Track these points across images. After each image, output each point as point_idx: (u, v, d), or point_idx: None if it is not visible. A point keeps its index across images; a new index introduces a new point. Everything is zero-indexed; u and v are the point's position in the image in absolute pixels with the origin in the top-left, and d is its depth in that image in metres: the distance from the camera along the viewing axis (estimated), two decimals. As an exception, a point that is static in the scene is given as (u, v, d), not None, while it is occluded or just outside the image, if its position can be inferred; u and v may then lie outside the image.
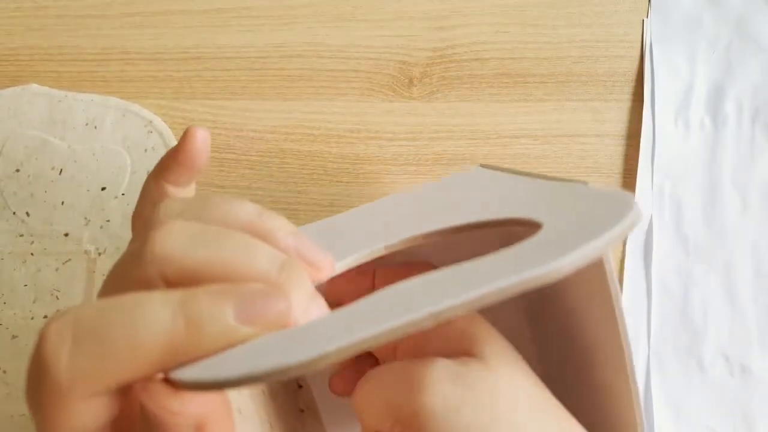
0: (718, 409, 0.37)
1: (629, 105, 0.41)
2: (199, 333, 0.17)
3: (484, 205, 0.27)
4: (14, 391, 0.38)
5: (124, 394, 0.19)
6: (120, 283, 0.20)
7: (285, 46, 0.42)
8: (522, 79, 0.41)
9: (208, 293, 0.18)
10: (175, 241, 0.19)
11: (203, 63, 0.42)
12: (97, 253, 0.39)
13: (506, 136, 0.41)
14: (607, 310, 0.25)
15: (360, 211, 0.31)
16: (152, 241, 0.19)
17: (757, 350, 0.38)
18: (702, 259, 0.39)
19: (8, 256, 0.39)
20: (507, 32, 0.42)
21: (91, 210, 0.40)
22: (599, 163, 0.40)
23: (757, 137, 0.40)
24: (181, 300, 0.18)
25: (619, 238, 0.19)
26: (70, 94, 0.41)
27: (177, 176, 0.27)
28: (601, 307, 0.26)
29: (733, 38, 0.41)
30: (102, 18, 0.42)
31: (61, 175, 0.40)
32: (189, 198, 0.21)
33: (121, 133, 0.41)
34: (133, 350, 0.17)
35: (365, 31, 0.42)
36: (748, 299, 0.38)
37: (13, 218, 0.40)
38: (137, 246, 0.19)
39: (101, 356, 0.17)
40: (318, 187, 0.41)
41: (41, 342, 0.17)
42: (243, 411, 0.25)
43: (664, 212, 0.40)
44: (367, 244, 0.26)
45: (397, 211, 0.30)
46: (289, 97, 0.42)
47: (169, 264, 0.19)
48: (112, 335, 0.17)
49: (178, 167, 0.27)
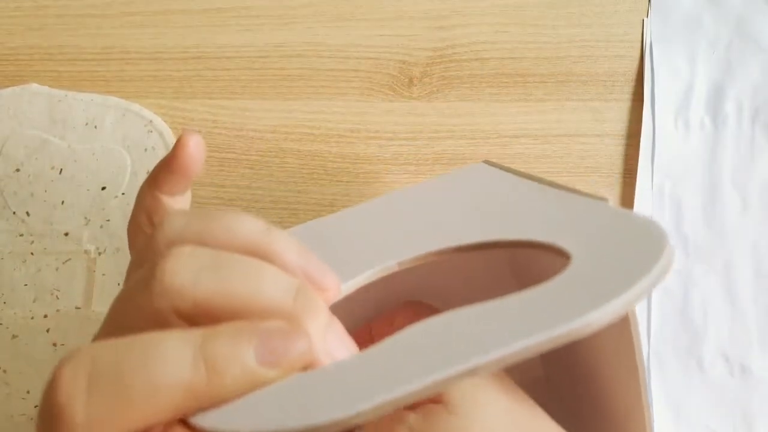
0: (718, 410, 0.37)
1: (629, 105, 0.41)
2: (220, 377, 0.17)
3: (502, 219, 0.26)
4: (14, 391, 0.38)
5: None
6: (129, 316, 0.19)
7: (285, 46, 0.42)
8: (522, 78, 0.41)
9: (227, 334, 0.17)
10: (184, 272, 0.18)
11: (203, 62, 0.42)
12: (97, 252, 0.39)
13: (506, 136, 0.41)
14: (627, 354, 0.24)
15: (357, 213, 0.30)
16: (161, 272, 0.18)
17: (757, 350, 0.38)
18: (702, 259, 0.39)
19: (8, 255, 0.39)
20: (507, 32, 0.42)
21: (91, 209, 0.40)
22: (599, 162, 0.40)
23: (757, 137, 0.40)
24: (201, 342, 0.17)
25: (655, 284, 0.18)
26: (70, 93, 0.41)
27: (171, 185, 0.26)
28: (621, 348, 0.24)
29: (733, 38, 0.41)
30: (102, 17, 0.42)
31: (61, 175, 0.40)
32: (190, 213, 0.21)
33: (121, 132, 0.41)
34: (152, 395, 0.16)
35: (365, 30, 0.42)
36: (748, 299, 0.38)
37: (13, 218, 0.40)
38: (144, 275, 0.19)
39: (119, 401, 0.16)
40: (318, 187, 0.41)
41: (55, 383, 0.17)
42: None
43: (664, 212, 0.39)
44: (375, 259, 0.24)
45: (401, 218, 0.28)
46: (289, 96, 0.42)
47: (180, 297, 0.18)
48: (129, 379, 0.16)
49: (171, 176, 0.26)
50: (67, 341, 0.38)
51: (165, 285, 0.18)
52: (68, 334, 0.38)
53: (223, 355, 0.17)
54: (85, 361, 0.17)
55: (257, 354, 0.17)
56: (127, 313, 0.19)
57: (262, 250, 0.20)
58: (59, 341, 0.38)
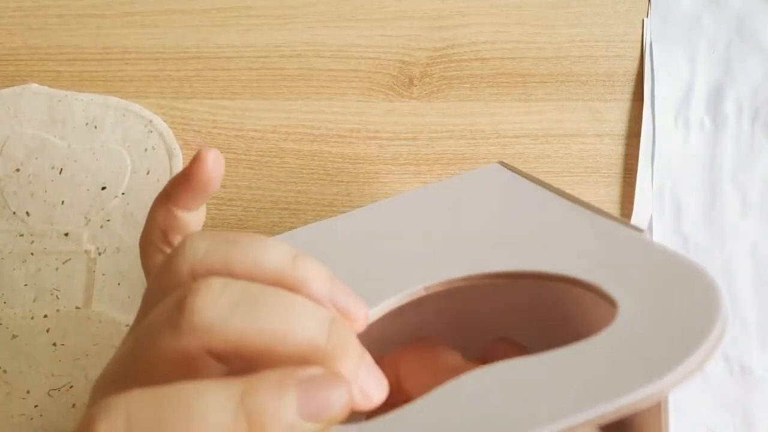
0: (717, 409, 0.37)
1: (629, 105, 0.41)
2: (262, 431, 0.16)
3: (534, 243, 0.24)
4: (14, 391, 0.38)
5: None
6: (154, 353, 0.18)
7: (285, 46, 0.42)
8: (522, 78, 0.41)
9: (268, 386, 0.17)
10: (216, 310, 0.18)
11: (203, 62, 0.42)
12: (98, 252, 0.39)
13: (506, 136, 0.41)
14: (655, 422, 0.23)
15: (370, 218, 0.29)
16: (190, 309, 0.18)
17: (756, 350, 0.38)
18: (702, 259, 0.39)
19: (8, 255, 0.39)
20: (507, 32, 0.42)
21: (91, 209, 0.40)
22: (599, 162, 0.40)
23: (757, 137, 0.40)
24: (241, 395, 0.17)
25: (714, 349, 0.17)
26: (70, 93, 0.41)
27: (187, 201, 0.26)
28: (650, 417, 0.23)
29: (733, 38, 0.41)
30: (102, 17, 0.42)
31: (61, 175, 0.40)
32: (211, 237, 0.20)
33: (121, 132, 0.41)
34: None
35: (365, 30, 0.42)
36: (748, 299, 0.38)
37: (13, 218, 0.40)
38: (170, 310, 0.18)
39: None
40: (318, 187, 0.41)
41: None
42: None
43: (664, 212, 0.39)
44: (401, 282, 0.23)
45: (422, 229, 0.27)
46: (289, 96, 0.42)
47: (211, 337, 0.17)
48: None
49: (189, 192, 0.25)
50: (67, 341, 0.38)
51: (195, 323, 0.17)
52: (68, 334, 0.38)
53: (264, 409, 0.16)
54: (121, 415, 0.16)
55: (299, 405, 0.17)
56: (151, 349, 0.18)
57: (290, 279, 0.19)
58: (59, 341, 0.38)
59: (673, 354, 0.17)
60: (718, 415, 0.37)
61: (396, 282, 0.23)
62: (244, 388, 0.17)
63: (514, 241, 0.24)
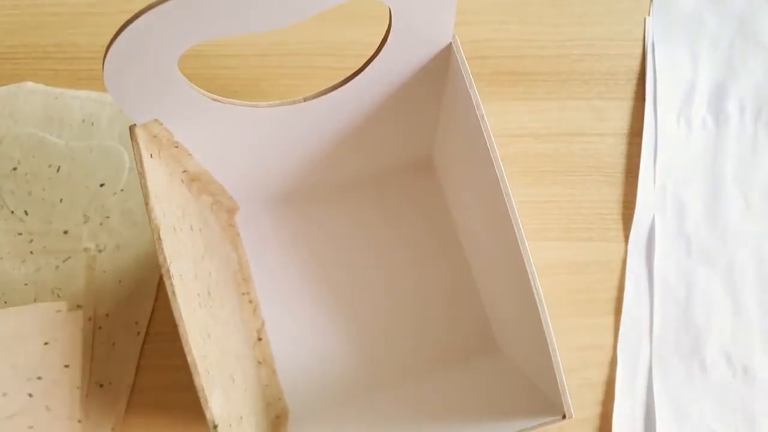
0: (720, 411, 0.37)
1: (631, 103, 0.41)
2: None
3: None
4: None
5: None
6: None
7: (284, 45, 0.42)
8: (523, 77, 0.41)
9: None
10: None
11: (202, 61, 0.42)
12: (97, 250, 0.39)
13: (507, 135, 0.41)
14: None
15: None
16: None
17: (759, 351, 0.38)
18: (704, 259, 0.39)
19: (7, 255, 0.39)
20: (508, 30, 0.41)
21: (89, 207, 0.40)
22: (601, 161, 0.40)
23: (759, 136, 0.40)
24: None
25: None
26: (66, 91, 0.41)
27: None
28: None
29: (735, 37, 0.41)
30: (100, 15, 0.42)
31: (58, 173, 0.40)
32: None
33: (118, 129, 0.40)
34: None
35: (365, 29, 0.42)
36: (750, 300, 0.38)
37: (11, 217, 0.40)
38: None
39: None
40: (318, 186, 0.41)
41: None
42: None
43: (666, 212, 0.39)
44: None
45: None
46: (288, 95, 0.41)
47: None
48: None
49: None
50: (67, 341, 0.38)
51: None
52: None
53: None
54: None
55: None
56: None
57: None
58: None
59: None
60: (720, 416, 0.37)
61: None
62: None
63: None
